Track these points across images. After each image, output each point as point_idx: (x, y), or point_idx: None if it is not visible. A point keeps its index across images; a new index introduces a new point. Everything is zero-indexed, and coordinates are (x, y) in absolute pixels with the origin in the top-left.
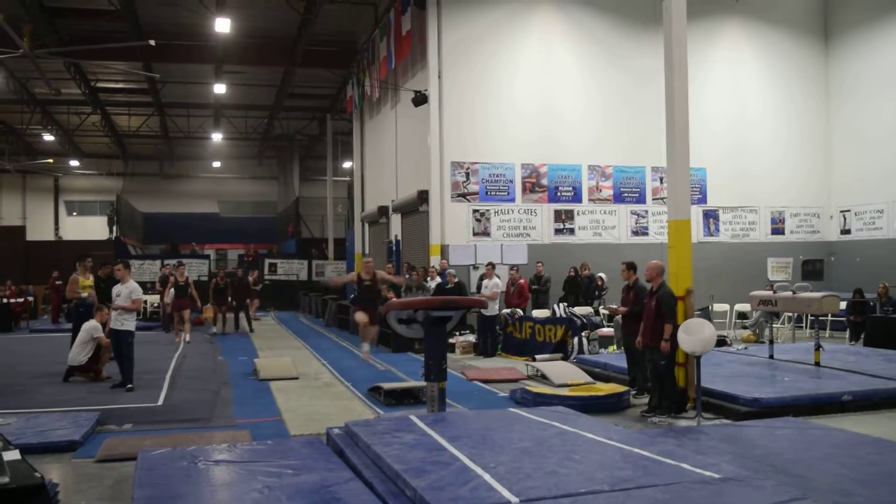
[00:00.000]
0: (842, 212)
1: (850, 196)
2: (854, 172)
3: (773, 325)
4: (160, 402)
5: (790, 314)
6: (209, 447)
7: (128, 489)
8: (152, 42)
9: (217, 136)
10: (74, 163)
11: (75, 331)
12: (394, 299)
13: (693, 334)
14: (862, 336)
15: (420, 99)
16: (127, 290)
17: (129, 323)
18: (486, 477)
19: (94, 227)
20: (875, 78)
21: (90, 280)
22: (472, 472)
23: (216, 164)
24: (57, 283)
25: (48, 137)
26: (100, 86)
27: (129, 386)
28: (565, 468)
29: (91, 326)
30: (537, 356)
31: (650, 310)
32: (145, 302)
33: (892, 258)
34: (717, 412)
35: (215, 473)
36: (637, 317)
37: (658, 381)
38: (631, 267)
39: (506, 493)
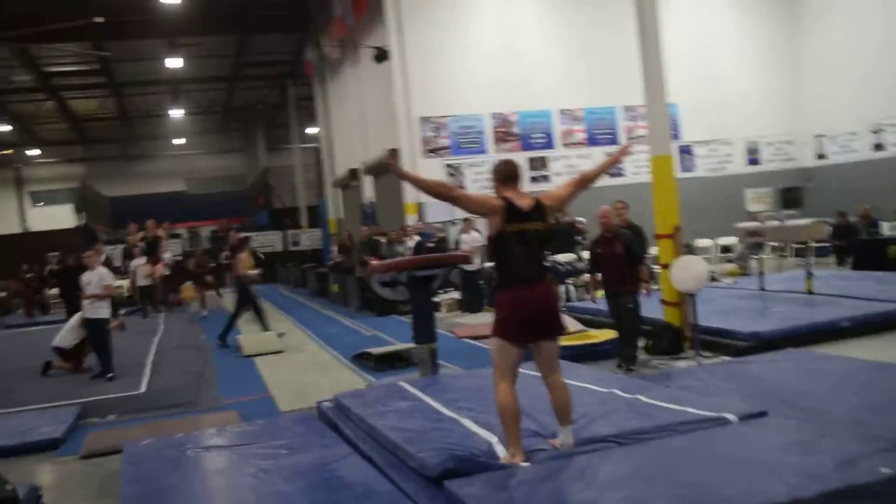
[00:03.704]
0: (816, 137)
1: (823, 120)
2: (826, 96)
3: (760, 256)
4: (143, 388)
5: (774, 244)
6: (197, 433)
7: (117, 485)
8: (100, 19)
9: (177, 113)
10: (35, 152)
11: (243, 305)
12: (375, 261)
13: (686, 271)
14: (849, 260)
15: (381, 55)
16: (97, 277)
17: (102, 311)
18: (491, 439)
19: (62, 216)
20: None
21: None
22: (476, 436)
23: (179, 142)
24: (27, 276)
25: (4, 128)
26: (51, 70)
27: (110, 375)
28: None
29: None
30: None
31: (616, 254)
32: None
33: (869, 180)
34: (714, 350)
35: (206, 461)
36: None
37: (629, 326)
38: None
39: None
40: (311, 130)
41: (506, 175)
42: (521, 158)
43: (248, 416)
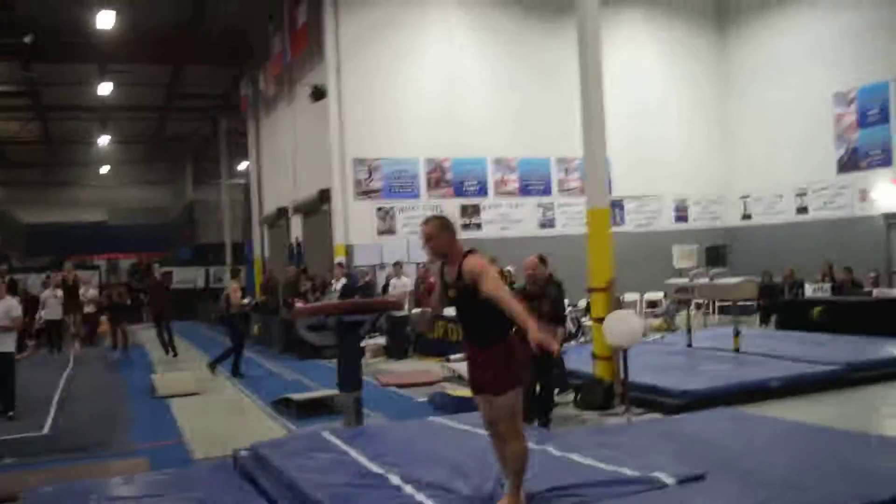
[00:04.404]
0: (742, 198)
1: (750, 182)
2: (754, 159)
3: (688, 312)
4: (46, 429)
5: (699, 301)
6: (103, 481)
7: None
8: (27, 39)
9: (104, 140)
10: None
11: (236, 337)
12: (300, 304)
13: (621, 326)
14: (771, 319)
15: (318, 94)
16: (4, 308)
17: (7, 344)
18: (419, 497)
19: None
20: (771, 66)
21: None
22: (403, 493)
23: (104, 170)
24: None
25: None
26: None
27: (10, 413)
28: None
29: None
30: (452, 356)
31: (539, 311)
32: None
33: (791, 241)
34: (645, 406)
35: None
36: None
37: (551, 389)
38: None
39: None
40: (241, 166)
41: None
42: (453, 205)
43: (159, 463)
